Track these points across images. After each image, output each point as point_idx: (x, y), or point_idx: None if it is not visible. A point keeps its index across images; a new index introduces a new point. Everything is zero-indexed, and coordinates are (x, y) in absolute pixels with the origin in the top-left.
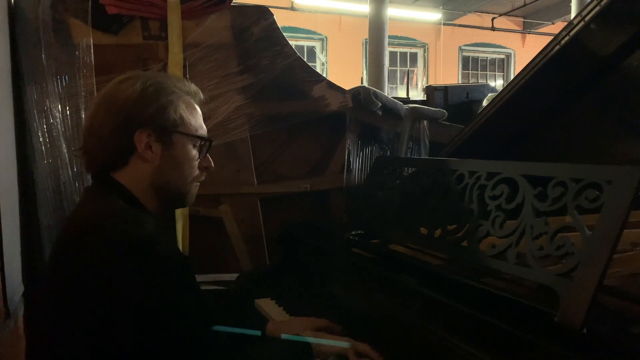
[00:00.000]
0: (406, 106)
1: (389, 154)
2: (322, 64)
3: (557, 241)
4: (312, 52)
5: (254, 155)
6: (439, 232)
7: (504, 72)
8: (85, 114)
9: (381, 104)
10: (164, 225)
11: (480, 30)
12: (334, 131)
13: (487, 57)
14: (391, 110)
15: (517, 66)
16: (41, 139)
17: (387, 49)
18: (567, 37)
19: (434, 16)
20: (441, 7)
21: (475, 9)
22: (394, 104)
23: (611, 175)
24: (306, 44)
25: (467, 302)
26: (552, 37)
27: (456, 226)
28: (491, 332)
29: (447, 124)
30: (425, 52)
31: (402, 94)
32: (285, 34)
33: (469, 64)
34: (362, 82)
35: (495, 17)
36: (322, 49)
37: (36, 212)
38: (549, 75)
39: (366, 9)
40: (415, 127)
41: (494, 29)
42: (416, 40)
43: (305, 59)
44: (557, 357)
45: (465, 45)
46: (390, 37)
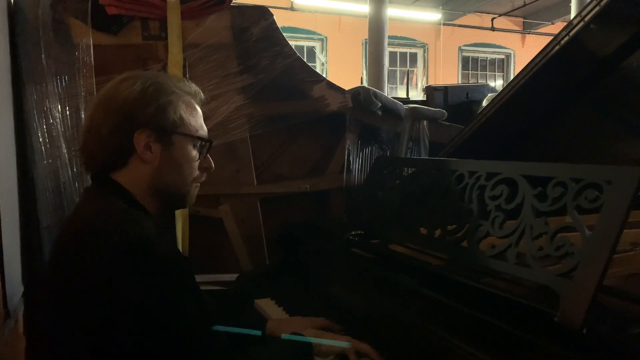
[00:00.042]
0: (406, 106)
1: (388, 154)
2: (322, 64)
3: (557, 241)
4: (311, 52)
5: (253, 155)
6: (438, 232)
7: (503, 72)
8: (84, 114)
9: (381, 104)
10: (164, 225)
11: (480, 30)
12: (334, 131)
13: (487, 57)
14: (391, 110)
15: (517, 66)
16: (41, 139)
17: (387, 49)
18: (566, 37)
19: (434, 16)
20: (441, 7)
21: (475, 9)
22: (393, 104)
23: (611, 175)
24: (306, 44)
25: (467, 302)
26: (552, 37)
27: (456, 226)
28: (491, 332)
29: (447, 124)
30: (425, 52)
31: (402, 94)
32: (285, 34)
33: (468, 64)
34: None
35: (495, 17)
36: (322, 49)
37: (36, 212)
38: (548, 75)
39: (366, 9)
40: (415, 127)
41: (493, 29)
42: (416, 40)
43: (305, 59)
44: (557, 357)
45: (465, 45)
46: (390, 37)
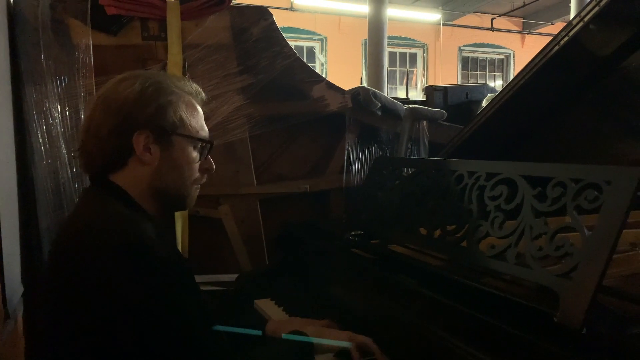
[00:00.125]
0: (405, 106)
1: (388, 154)
2: (322, 65)
3: (556, 241)
4: (311, 52)
5: (253, 155)
6: (438, 232)
7: (503, 72)
8: (84, 114)
9: (380, 105)
10: (164, 225)
11: (479, 30)
12: (334, 132)
13: (487, 58)
14: (391, 110)
15: (517, 66)
16: (40, 140)
17: (387, 50)
18: (566, 38)
19: (434, 16)
20: (440, 7)
21: (474, 9)
22: (393, 104)
23: (610, 175)
24: (305, 44)
25: (467, 303)
26: (552, 37)
27: (455, 227)
28: (491, 332)
29: (447, 124)
30: (424, 52)
31: (401, 94)
32: (284, 35)
33: (468, 64)
34: (361, 83)
35: (494, 18)
36: (322, 49)
37: (35, 212)
38: (548, 75)
39: (365, 9)
40: (414, 127)
41: (493, 29)
42: (415, 40)
43: (304, 60)
44: (556, 357)
45: (464, 45)
46: (389, 37)
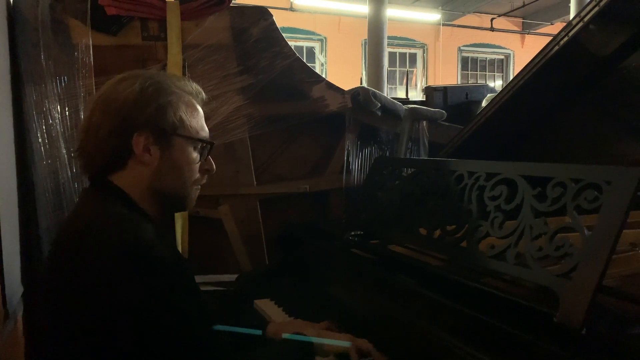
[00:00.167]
0: (405, 107)
1: (388, 154)
2: (322, 65)
3: (556, 242)
4: (311, 52)
5: (253, 155)
6: (438, 232)
7: (503, 72)
8: (83, 114)
9: (380, 105)
10: (163, 226)
11: (479, 30)
12: (334, 132)
13: (486, 58)
14: (390, 110)
15: (516, 67)
16: (40, 140)
17: (387, 50)
18: (566, 38)
19: (433, 17)
20: (440, 7)
21: (474, 9)
22: (393, 104)
23: (610, 175)
24: (305, 44)
25: (467, 303)
26: (551, 37)
27: (455, 227)
28: (491, 332)
29: (446, 124)
30: (424, 52)
31: (401, 94)
32: (284, 35)
33: (468, 64)
34: (361, 83)
35: (494, 18)
36: (322, 49)
37: (35, 213)
38: (548, 75)
39: (365, 9)
40: (414, 127)
41: (493, 29)
42: (415, 40)
43: (304, 60)
44: (556, 358)
45: (464, 45)
46: (389, 37)
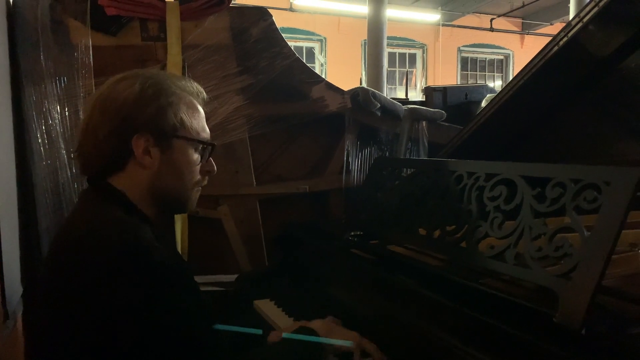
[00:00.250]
0: (405, 107)
1: (387, 154)
2: (321, 65)
3: (555, 242)
4: (311, 53)
5: (253, 156)
6: (437, 233)
7: (502, 72)
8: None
9: (380, 105)
10: (163, 227)
11: (479, 31)
12: (333, 132)
13: (486, 58)
14: (390, 111)
15: (516, 67)
16: (40, 140)
17: (386, 50)
18: (565, 38)
19: (433, 17)
20: (440, 8)
21: (473, 9)
22: (392, 104)
23: (610, 176)
24: (305, 44)
25: (466, 303)
26: (551, 38)
27: (455, 227)
28: (490, 332)
29: (446, 124)
30: (424, 53)
31: (401, 94)
32: (284, 35)
33: (467, 64)
34: (361, 83)
35: (493, 18)
36: (321, 50)
37: (35, 213)
38: (547, 76)
39: (365, 10)
40: (414, 127)
41: (492, 29)
42: (415, 41)
43: (304, 60)
44: (556, 358)
45: (464, 46)
46: (389, 38)
